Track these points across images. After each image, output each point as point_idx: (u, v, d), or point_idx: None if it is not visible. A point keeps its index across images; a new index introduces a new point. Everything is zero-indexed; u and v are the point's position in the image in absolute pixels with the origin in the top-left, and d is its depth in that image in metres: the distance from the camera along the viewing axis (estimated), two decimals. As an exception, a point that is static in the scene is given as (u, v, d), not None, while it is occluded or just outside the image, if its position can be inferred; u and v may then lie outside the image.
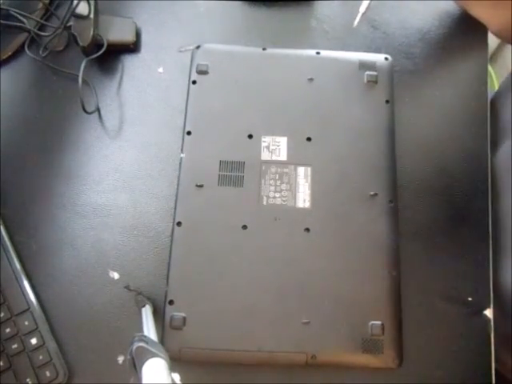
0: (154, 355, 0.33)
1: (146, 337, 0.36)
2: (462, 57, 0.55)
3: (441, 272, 0.48)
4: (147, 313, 0.42)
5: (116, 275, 0.48)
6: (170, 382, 0.32)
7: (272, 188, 0.48)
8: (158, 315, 0.45)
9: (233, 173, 0.48)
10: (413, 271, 0.48)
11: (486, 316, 0.46)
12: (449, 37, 0.56)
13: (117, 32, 0.53)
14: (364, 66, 0.52)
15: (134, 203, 0.50)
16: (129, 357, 0.34)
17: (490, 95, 0.53)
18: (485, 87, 0.53)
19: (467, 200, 0.50)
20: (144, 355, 0.33)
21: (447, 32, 0.56)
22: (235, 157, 0.48)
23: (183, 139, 0.49)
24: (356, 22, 0.43)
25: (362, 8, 0.44)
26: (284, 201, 0.47)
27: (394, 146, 0.50)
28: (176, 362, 0.43)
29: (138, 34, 0.55)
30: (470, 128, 0.52)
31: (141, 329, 0.40)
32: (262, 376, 0.45)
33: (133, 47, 0.54)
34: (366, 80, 0.51)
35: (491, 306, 0.47)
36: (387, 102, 0.51)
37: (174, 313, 0.44)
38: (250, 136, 0.49)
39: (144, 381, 0.31)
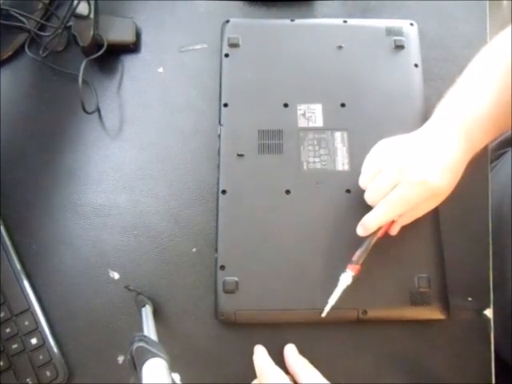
0: (154, 355, 0.33)
1: (145, 337, 0.36)
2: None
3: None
4: (147, 313, 0.42)
5: (116, 275, 0.48)
6: (170, 381, 0.32)
7: (311, 153, 0.49)
8: (158, 315, 0.46)
9: (272, 141, 0.49)
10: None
11: (485, 316, 0.47)
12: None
13: (117, 32, 0.53)
14: (391, 31, 0.53)
15: (134, 203, 0.50)
16: (129, 357, 0.34)
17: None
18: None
19: (467, 200, 0.50)
20: (144, 355, 0.33)
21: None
22: (273, 125, 0.50)
23: (220, 111, 0.50)
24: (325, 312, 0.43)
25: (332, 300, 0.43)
26: (324, 165, 0.49)
27: (425, 107, 0.51)
28: (231, 325, 0.44)
29: (138, 34, 0.55)
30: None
31: (141, 329, 0.40)
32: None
33: (133, 47, 0.54)
34: (393, 45, 0.53)
35: (491, 306, 0.47)
36: (416, 65, 0.52)
37: (226, 277, 0.45)
38: (286, 105, 0.51)
39: (144, 381, 0.31)
